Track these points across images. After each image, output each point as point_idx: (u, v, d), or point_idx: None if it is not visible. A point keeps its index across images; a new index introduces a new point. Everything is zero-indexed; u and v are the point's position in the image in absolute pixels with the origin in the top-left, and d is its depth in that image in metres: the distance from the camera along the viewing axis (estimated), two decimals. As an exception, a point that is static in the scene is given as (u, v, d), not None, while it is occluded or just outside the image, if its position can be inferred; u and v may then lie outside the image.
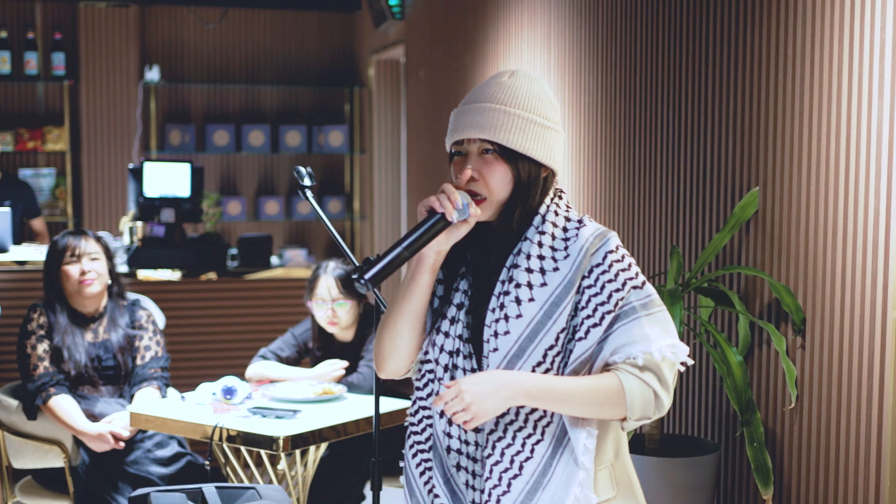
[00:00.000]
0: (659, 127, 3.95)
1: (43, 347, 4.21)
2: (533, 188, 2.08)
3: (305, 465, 3.92)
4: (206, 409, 3.89)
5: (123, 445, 4.12)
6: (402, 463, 2.25)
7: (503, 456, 2.06)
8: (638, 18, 4.09)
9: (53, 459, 4.19)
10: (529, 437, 2.05)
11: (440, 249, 2.07)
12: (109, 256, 4.39)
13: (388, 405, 3.94)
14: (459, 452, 2.12)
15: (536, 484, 2.04)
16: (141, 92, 8.18)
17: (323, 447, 3.92)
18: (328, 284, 4.35)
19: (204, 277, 6.07)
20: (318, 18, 8.71)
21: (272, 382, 4.26)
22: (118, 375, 4.31)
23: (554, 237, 2.07)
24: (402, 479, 2.26)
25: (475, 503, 2.11)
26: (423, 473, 2.20)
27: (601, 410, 2.00)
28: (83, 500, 4.11)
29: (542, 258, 2.05)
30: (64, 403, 4.12)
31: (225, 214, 8.28)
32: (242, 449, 3.77)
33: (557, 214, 2.10)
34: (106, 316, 4.34)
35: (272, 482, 3.89)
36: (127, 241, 6.21)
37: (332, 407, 3.94)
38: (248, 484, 3.23)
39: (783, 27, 3.26)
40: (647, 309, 2.03)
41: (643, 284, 2.05)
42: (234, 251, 6.36)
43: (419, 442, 2.21)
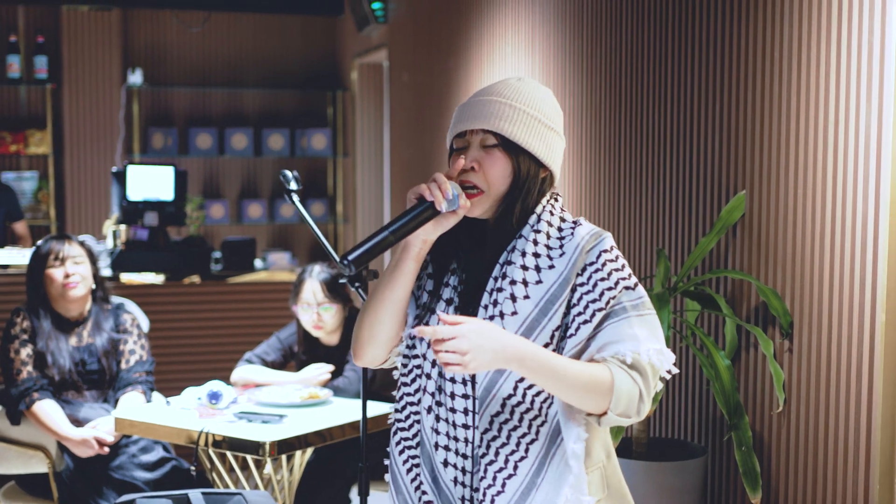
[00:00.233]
0: (645, 130, 3.92)
1: (26, 352, 4.15)
2: (532, 185, 2.06)
3: (291, 469, 3.88)
4: (191, 413, 3.84)
5: (108, 451, 4.07)
6: (387, 461, 2.21)
7: (498, 455, 2.02)
8: (623, 22, 4.06)
9: (37, 465, 4.13)
10: (524, 436, 2.02)
11: (427, 238, 2.04)
12: (93, 260, 4.33)
13: (374, 409, 3.90)
14: (447, 449, 2.09)
15: (531, 484, 2.01)
16: (124, 95, 8.11)
17: (309, 452, 3.88)
18: (313, 288, 4.30)
19: (187, 281, 6.01)
20: (300, 22, 8.66)
21: (258, 386, 4.22)
22: (102, 380, 4.24)
23: (549, 236, 2.04)
24: (387, 476, 2.21)
25: (464, 499, 2.07)
26: (409, 470, 2.16)
27: (587, 397, 1.93)
28: (67, 505, 4.05)
29: (537, 256, 2.02)
30: (48, 408, 4.05)
31: (208, 218, 8.23)
32: (228, 454, 3.72)
33: (553, 214, 2.08)
34: (90, 320, 4.28)
35: (258, 487, 3.84)
36: (110, 244, 6.16)
37: (318, 411, 3.90)
38: (234, 490, 3.19)
39: (769, 30, 3.23)
40: (637, 310, 2.00)
41: (636, 286, 2.02)
42: (217, 254, 6.31)
43: (406, 438, 2.17)
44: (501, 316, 2.01)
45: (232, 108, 8.57)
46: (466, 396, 2.05)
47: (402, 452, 2.17)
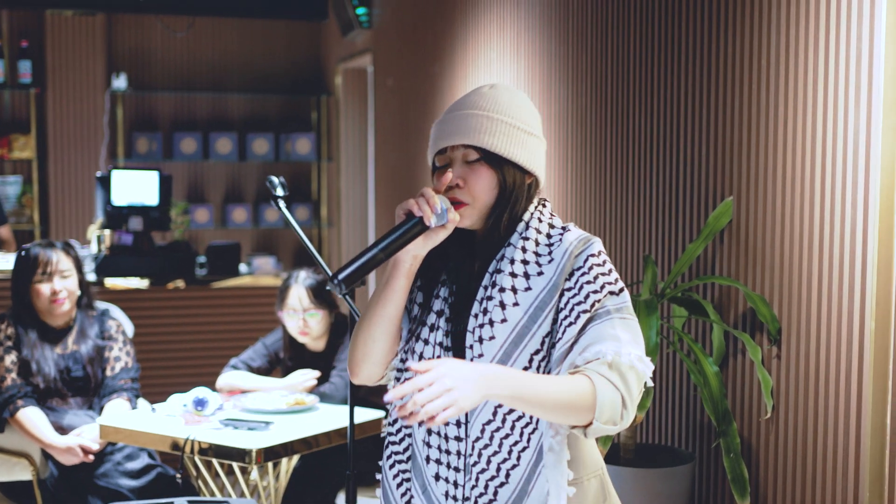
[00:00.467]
0: (631, 136, 3.88)
1: (11, 359, 4.08)
2: (518, 194, 2.03)
3: (277, 476, 3.83)
4: (177, 420, 3.79)
5: (93, 458, 4.00)
6: (378, 475, 2.18)
7: (489, 464, 1.99)
8: (609, 28, 4.02)
9: (21, 472, 4.08)
10: (516, 444, 1.99)
11: (417, 254, 2.00)
12: (80, 269, 4.26)
13: (360, 416, 3.86)
14: (439, 462, 2.06)
15: (522, 492, 1.99)
16: (108, 100, 8.05)
17: (295, 458, 3.83)
18: (299, 294, 4.25)
19: (172, 286, 5.95)
20: (285, 27, 8.61)
21: (243, 393, 4.16)
22: (87, 387, 4.18)
23: (538, 243, 2.02)
24: (378, 491, 2.18)
25: None
26: (400, 485, 2.13)
27: (571, 414, 1.89)
28: (52, 513, 3.99)
29: (525, 263, 1.99)
30: (32, 416, 3.99)
31: (193, 222, 8.17)
32: (214, 461, 3.67)
33: (541, 221, 2.05)
34: (75, 327, 4.22)
35: (244, 494, 3.79)
36: (94, 249, 6.09)
37: (304, 418, 3.85)
38: (220, 498, 3.14)
39: (756, 36, 3.20)
40: (620, 313, 1.97)
41: (621, 291, 1.99)
42: (202, 259, 6.25)
43: (397, 453, 2.15)
44: (491, 324, 1.97)
45: (216, 112, 8.51)
46: None
47: (392, 467, 2.14)
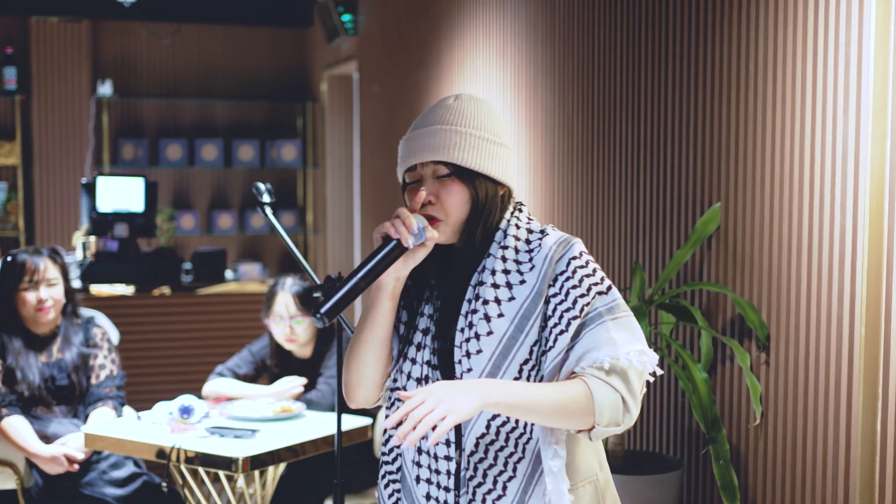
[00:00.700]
0: (618, 142, 3.84)
1: (-6, 367, 4.02)
2: (491, 207, 1.99)
3: (264, 484, 3.77)
4: (162, 428, 3.73)
5: (78, 467, 3.94)
6: (376, 493, 2.14)
7: (486, 478, 1.96)
8: (595, 34, 3.99)
9: (5, 481, 4.02)
10: (511, 455, 1.95)
11: (399, 275, 1.96)
12: (66, 276, 4.19)
13: (348, 423, 3.80)
14: (429, 482, 2.02)
15: (520, 503, 1.95)
16: (93, 106, 7.98)
17: (282, 466, 3.77)
18: (286, 301, 4.20)
19: (157, 292, 5.89)
20: (270, 34, 8.56)
21: (230, 400, 4.10)
22: (72, 395, 4.11)
23: (517, 250, 1.98)
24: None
25: None
26: None
27: (570, 419, 1.87)
28: (36, 522, 3.92)
29: (507, 272, 1.96)
30: (16, 424, 3.92)
31: (178, 229, 8.10)
32: (200, 469, 3.61)
33: (519, 227, 2.01)
34: (60, 335, 4.15)
35: (230, 502, 3.73)
36: (80, 255, 6.03)
37: (291, 425, 3.80)
38: (207, 507, 3.09)
39: (744, 42, 3.17)
40: (612, 313, 1.93)
41: (608, 290, 1.96)
42: (188, 265, 6.18)
43: (391, 472, 2.12)
44: (477, 337, 1.94)
45: (202, 119, 8.45)
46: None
47: (387, 486, 2.12)
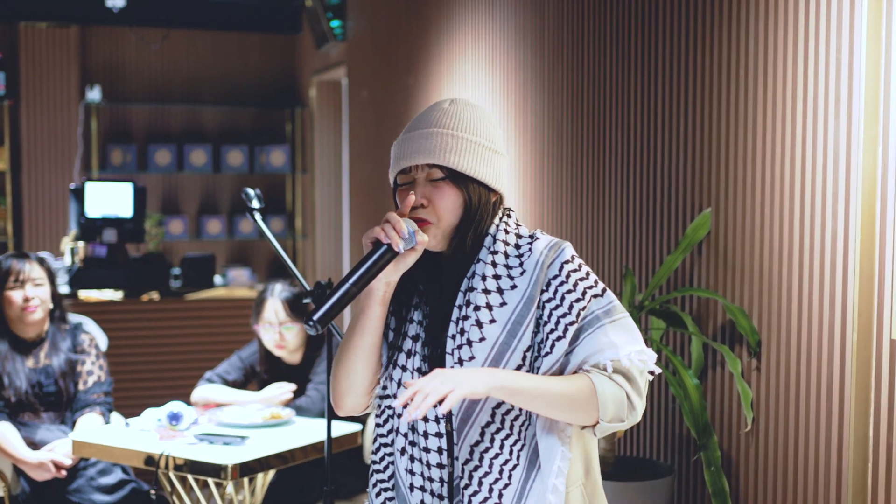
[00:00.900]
0: (608, 147, 3.81)
1: (-19, 373, 3.96)
2: (483, 213, 1.96)
3: (253, 491, 3.72)
4: (151, 435, 3.68)
5: (65, 474, 3.88)
6: (366, 501, 2.10)
7: (481, 485, 1.92)
8: (585, 39, 3.96)
9: (-8, 488, 3.95)
10: (506, 462, 1.92)
11: (389, 280, 1.93)
12: (52, 280, 4.14)
13: (337, 429, 3.76)
14: (423, 490, 1.98)
15: None
16: (82, 112, 7.92)
17: (271, 473, 3.72)
18: (275, 308, 4.15)
19: (146, 298, 5.83)
20: (259, 40, 8.51)
21: (219, 406, 4.05)
22: (60, 401, 4.06)
23: (507, 255, 1.94)
24: None
25: None
26: None
27: (574, 410, 1.85)
28: (23, 530, 3.87)
29: (497, 278, 1.92)
30: (3, 431, 3.86)
31: (167, 234, 8.04)
32: (189, 476, 3.56)
33: (508, 233, 1.98)
34: (47, 341, 4.09)
35: (219, 509, 3.68)
36: (68, 261, 5.97)
37: (280, 432, 3.75)
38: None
39: (735, 47, 3.14)
40: (609, 316, 1.91)
41: (603, 292, 1.93)
42: (176, 271, 6.13)
43: (382, 480, 2.07)
44: (470, 344, 1.90)
45: (191, 124, 8.40)
46: (440, 435, 1.94)
47: (378, 495, 2.07)
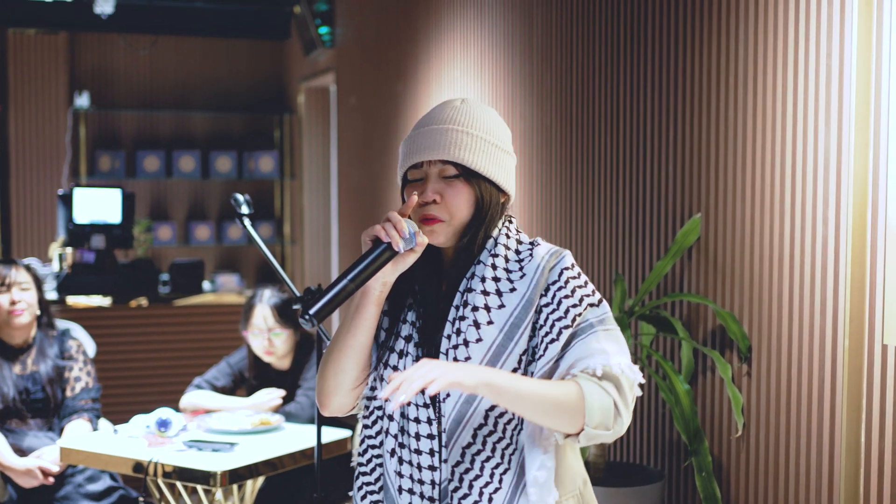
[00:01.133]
0: (598, 154, 3.79)
1: (-32, 380, 3.90)
2: (494, 213, 1.94)
3: (243, 497, 3.68)
4: (139, 442, 3.63)
5: (53, 481, 3.83)
6: (351, 493, 2.06)
7: (471, 489, 1.88)
8: (573, 45, 3.93)
9: (-21, 496, 3.89)
10: (497, 466, 1.88)
11: (386, 280, 1.89)
12: (39, 286, 4.09)
13: (327, 435, 3.72)
14: (412, 492, 1.94)
15: None
16: (70, 118, 7.86)
17: (261, 479, 3.68)
18: (264, 314, 4.10)
19: (134, 303, 5.78)
20: (248, 46, 8.47)
21: (208, 413, 4.01)
22: (47, 408, 4.00)
23: (507, 259, 1.92)
24: None
25: None
26: None
27: (560, 415, 1.80)
28: (11, 537, 3.81)
29: (497, 280, 1.89)
30: (-10, 438, 3.81)
31: (155, 240, 7.99)
32: (178, 483, 3.51)
33: (509, 237, 1.95)
34: (34, 347, 4.04)
35: (208, 516, 3.63)
36: (56, 267, 5.91)
37: (270, 438, 3.71)
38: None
39: (724, 52, 3.11)
40: (603, 325, 1.88)
41: (600, 302, 1.90)
42: (165, 277, 6.08)
43: (368, 483, 2.02)
44: (466, 344, 1.86)
45: (179, 130, 8.35)
46: (432, 437, 1.90)
47: (364, 498, 2.02)
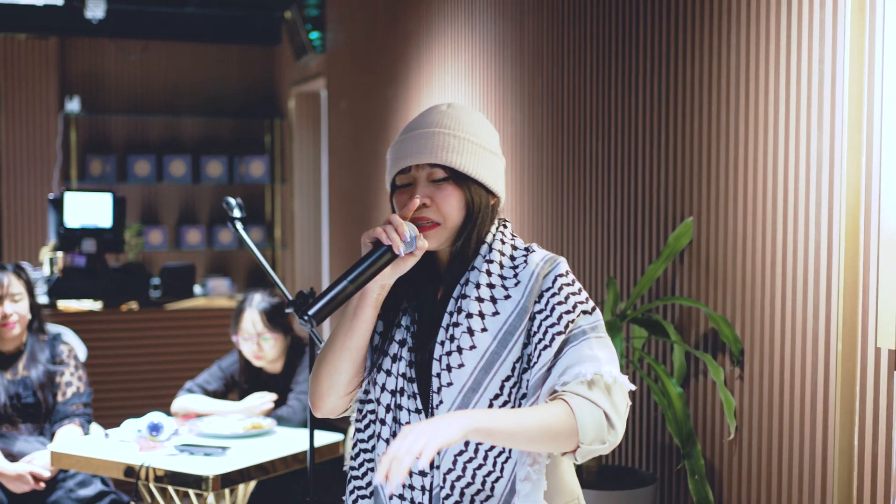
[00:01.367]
0: (589, 158, 3.76)
1: (-41, 385, 3.85)
2: (485, 215, 1.91)
3: (234, 501, 3.64)
4: (131, 446, 3.59)
5: (44, 486, 3.78)
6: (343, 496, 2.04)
7: (463, 496, 1.86)
8: (565, 49, 3.91)
9: (-30, 501, 3.84)
10: (489, 474, 1.86)
11: (384, 283, 1.86)
12: (31, 291, 4.03)
13: (319, 439, 3.69)
14: (402, 498, 1.91)
15: None
16: (61, 122, 7.82)
17: (252, 483, 3.64)
18: (253, 319, 4.07)
19: (125, 307, 5.73)
20: (238, 51, 8.44)
21: (199, 417, 3.97)
22: (38, 413, 3.95)
23: (502, 265, 1.89)
24: None
25: None
26: None
27: (554, 442, 1.77)
28: (1, 542, 3.76)
29: (491, 286, 1.86)
30: (-19, 443, 3.77)
31: (146, 244, 7.94)
32: (169, 487, 3.47)
33: (504, 243, 1.92)
34: (26, 352, 3.99)
35: (200, 520, 3.60)
36: (47, 271, 5.86)
37: (262, 442, 3.67)
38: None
39: (716, 56, 3.10)
40: (596, 332, 1.85)
41: (593, 310, 1.87)
42: (156, 281, 6.04)
43: (360, 487, 2.00)
44: (459, 351, 1.83)
45: (170, 135, 8.30)
46: None
47: (355, 502, 2.00)
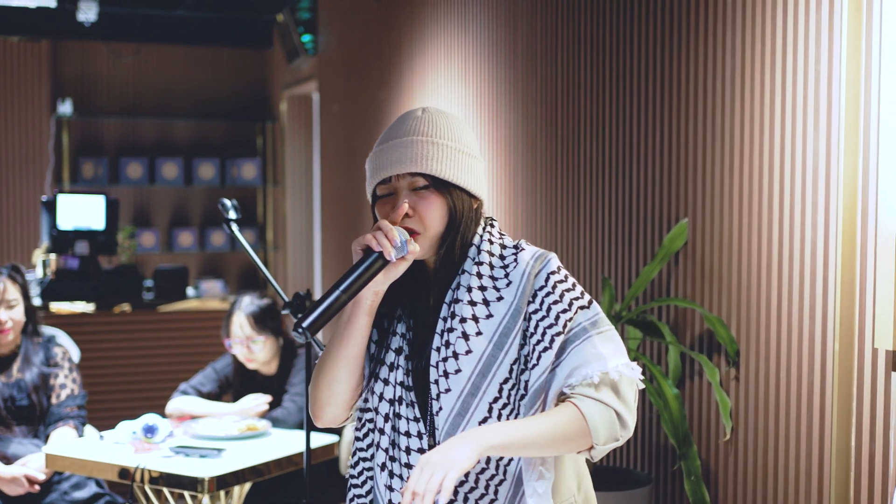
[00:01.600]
0: (584, 159, 3.75)
1: (-47, 387, 3.81)
2: (468, 220, 1.89)
3: (230, 503, 3.61)
4: (126, 448, 3.55)
5: (39, 489, 3.75)
6: None
7: (467, 501, 1.84)
8: (558, 51, 3.89)
9: (-36, 503, 3.80)
10: (492, 478, 1.84)
11: (378, 290, 1.84)
12: (26, 294, 3.99)
13: (314, 441, 3.66)
14: None
15: None
16: (53, 125, 7.77)
17: (248, 485, 3.61)
18: (241, 322, 4.03)
19: (118, 310, 5.70)
20: (230, 54, 8.40)
21: (194, 418, 3.93)
22: (33, 415, 3.91)
23: (492, 266, 1.86)
24: None
25: None
26: None
27: (567, 445, 1.77)
28: (-5, 545, 3.72)
29: (483, 289, 1.84)
30: (-25, 445, 3.73)
31: (139, 246, 7.90)
32: (165, 489, 3.44)
33: (492, 243, 1.90)
34: (20, 355, 3.95)
35: (195, 522, 3.56)
36: (40, 273, 5.82)
37: (257, 444, 3.64)
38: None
39: (712, 57, 3.08)
40: (596, 327, 1.83)
41: (590, 303, 1.85)
42: (149, 283, 6.00)
43: (360, 496, 1.98)
44: (456, 356, 1.81)
45: (162, 137, 8.26)
46: (422, 450, 1.85)
47: None
